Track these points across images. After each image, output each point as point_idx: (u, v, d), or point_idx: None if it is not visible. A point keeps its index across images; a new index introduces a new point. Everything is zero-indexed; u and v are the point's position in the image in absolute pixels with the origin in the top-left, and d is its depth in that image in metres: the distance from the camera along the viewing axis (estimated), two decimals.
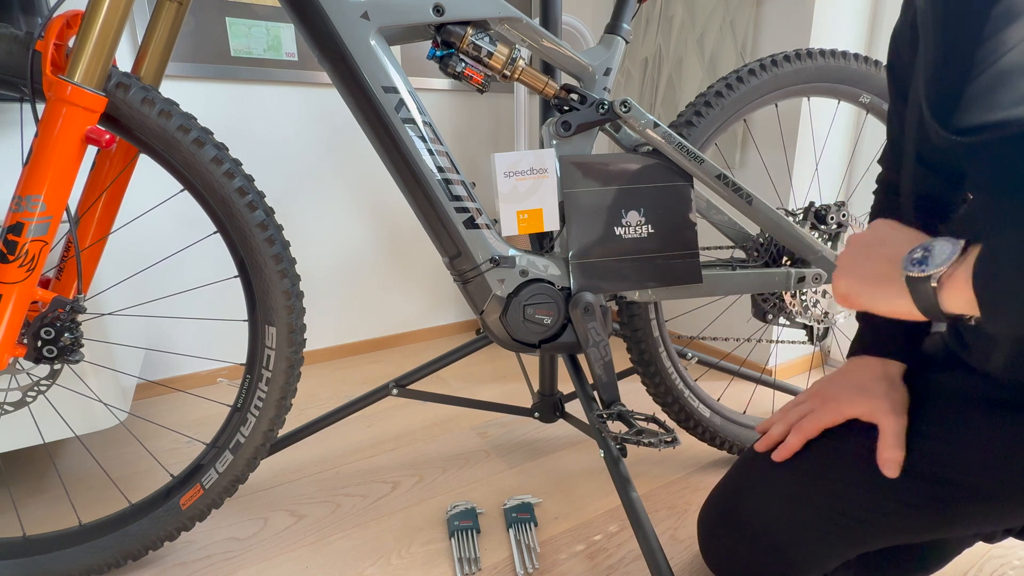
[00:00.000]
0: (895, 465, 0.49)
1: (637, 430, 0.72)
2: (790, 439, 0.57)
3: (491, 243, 0.72)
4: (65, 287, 0.71)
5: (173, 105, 0.64)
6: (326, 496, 0.97)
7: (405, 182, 0.69)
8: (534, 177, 0.72)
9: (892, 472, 0.49)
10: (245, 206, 0.67)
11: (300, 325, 0.73)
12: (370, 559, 0.82)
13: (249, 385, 0.75)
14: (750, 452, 0.61)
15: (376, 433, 1.20)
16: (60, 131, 0.57)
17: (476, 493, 0.98)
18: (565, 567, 0.80)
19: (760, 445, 0.59)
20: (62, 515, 0.93)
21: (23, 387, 0.69)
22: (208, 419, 1.28)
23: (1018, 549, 0.81)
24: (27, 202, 0.57)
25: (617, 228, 0.75)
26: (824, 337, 0.96)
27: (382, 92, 0.65)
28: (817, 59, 0.86)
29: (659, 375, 0.92)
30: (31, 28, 1.00)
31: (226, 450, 0.77)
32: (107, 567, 0.75)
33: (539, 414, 1.03)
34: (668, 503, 0.94)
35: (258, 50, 1.33)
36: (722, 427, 0.99)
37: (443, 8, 0.65)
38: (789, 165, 1.29)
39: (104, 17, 0.57)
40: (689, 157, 0.76)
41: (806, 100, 1.24)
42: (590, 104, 0.73)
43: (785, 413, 0.60)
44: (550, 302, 0.75)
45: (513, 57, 0.68)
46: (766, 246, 0.89)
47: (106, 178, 0.70)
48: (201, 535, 0.87)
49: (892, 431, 0.50)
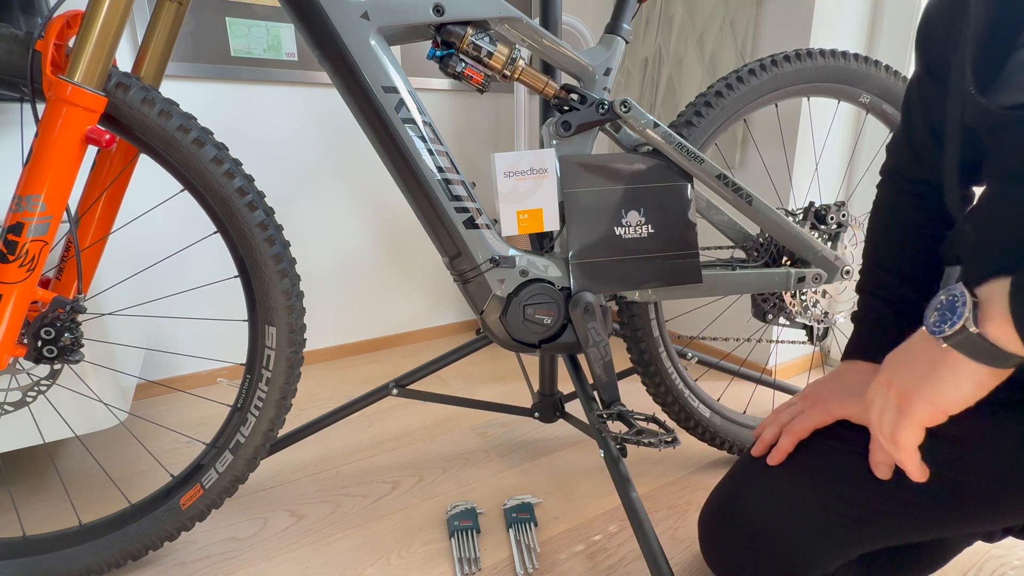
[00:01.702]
0: (886, 467, 0.49)
1: (637, 430, 0.72)
2: (781, 441, 0.57)
3: (491, 243, 0.72)
4: (65, 287, 0.71)
5: (173, 105, 0.64)
6: (326, 496, 0.97)
7: (405, 182, 0.69)
8: (534, 177, 0.72)
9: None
10: (245, 206, 0.67)
11: (300, 325, 0.73)
12: (370, 559, 0.82)
13: (249, 385, 0.76)
14: (746, 456, 0.61)
15: (376, 433, 1.20)
16: (60, 131, 0.57)
17: (476, 493, 0.98)
18: (565, 567, 0.80)
19: (756, 450, 0.60)
20: (62, 515, 0.93)
21: (23, 387, 0.69)
22: (208, 419, 1.28)
23: (1018, 549, 0.81)
24: (27, 202, 0.57)
25: (617, 228, 0.75)
26: (824, 337, 0.96)
27: (382, 92, 0.65)
28: (817, 59, 0.86)
29: (659, 375, 0.92)
30: (31, 28, 1.00)
31: (226, 450, 0.77)
32: (107, 567, 0.75)
33: (539, 414, 1.03)
34: (668, 503, 0.94)
35: (258, 50, 1.33)
36: (722, 427, 0.99)
37: (443, 8, 0.65)
38: (789, 165, 1.29)
39: (104, 17, 0.57)
40: (689, 157, 0.76)
41: (806, 100, 1.24)
42: (590, 104, 0.73)
43: (777, 416, 0.60)
44: (550, 302, 0.75)
45: (513, 57, 0.68)
46: (766, 246, 0.89)
47: (106, 178, 0.70)
48: (201, 535, 0.87)
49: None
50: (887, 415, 0.45)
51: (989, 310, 0.37)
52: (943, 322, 0.39)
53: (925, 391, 0.41)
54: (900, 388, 0.44)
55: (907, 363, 0.44)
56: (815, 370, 1.51)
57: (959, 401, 0.40)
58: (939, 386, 0.40)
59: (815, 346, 0.99)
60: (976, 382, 0.39)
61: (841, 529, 0.52)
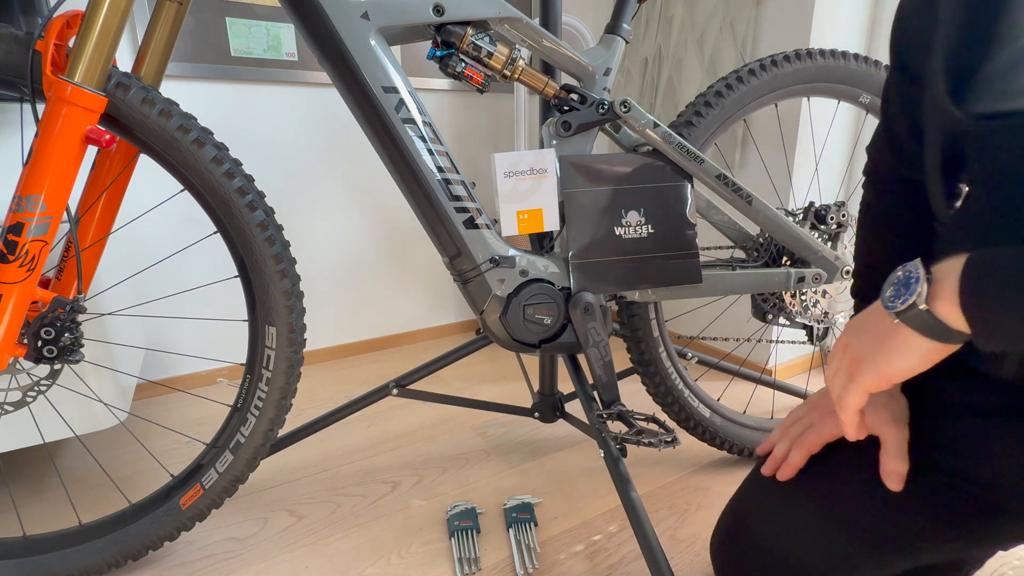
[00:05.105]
0: (898, 477, 0.48)
1: (637, 430, 0.72)
2: (793, 456, 0.55)
3: (491, 243, 0.72)
4: (65, 287, 0.71)
5: (173, 105, 0.64)
6: (326, 496, 0.97)
7: (405, 182, 0.69)
8: (534, 177, 0.72)
9: (895, 485, 0.48)
10: (245, 206, 0.67)
11: (300, 325, 0.73)
12: (370, 559, 0.82)
13: (249, 385, 0.76)
14: (756, 475, 0.59)
15: (376, 433, 1.20)
16: (60, 131, 0.57)
17: (476, 493, 0.98)
18: (565, 567, 0.80)
19: (766, 469, 0.58)
20: (62, 515, 0.93)
21: (23, 387, 0.69)
22: (208, 419, 1.28)
23: (1018, 549, 0.81)
24: (27, 202, 0.58)
25: (617, 228, 0.75)
26: (824, 337, 0.96)
27: (382, 92, 0.65)
28: (817, 59, 0.86)
29: (659, 375, 0.92)
30: (31, 28, 1.00)
31: (226, 450, 0.77)
32: (107, 567, 0.75)
33: (539, 414, 1.03)
34: (668, 503, 0.94)
35: (258, 50, 1.33)
36: (722, 427, 0.99)
37: (443, 8, 0.65)
38: (789, 165, 1.29)
39: (104, 17, 0.57)
40: (689, 157, 0.76)
41: (806, 100, 1.24)
42: (590, 104, 0.73)
43: (786, 430, 0.59)
44: (550, 302, 0.75)
45: (513, 57, 0.68)
46: (766, 246, 0.89)
47: (106, 178, 0.70)
48: (201, 535, 0.87)
49: (893, 442, 0.48)
50: (839, 377, 0.47)
51: (940, 288, 0.38)
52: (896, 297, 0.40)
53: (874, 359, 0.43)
54: (853, 354, 0.45)
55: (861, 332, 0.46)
56: (815, 370, 1.51)
57: (904, 371, 0.42)
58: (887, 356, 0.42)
59: (815, 346, 0.99)
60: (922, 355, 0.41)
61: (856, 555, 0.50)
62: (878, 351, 0.43)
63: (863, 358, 0.44)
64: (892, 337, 0.42)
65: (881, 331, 0.43)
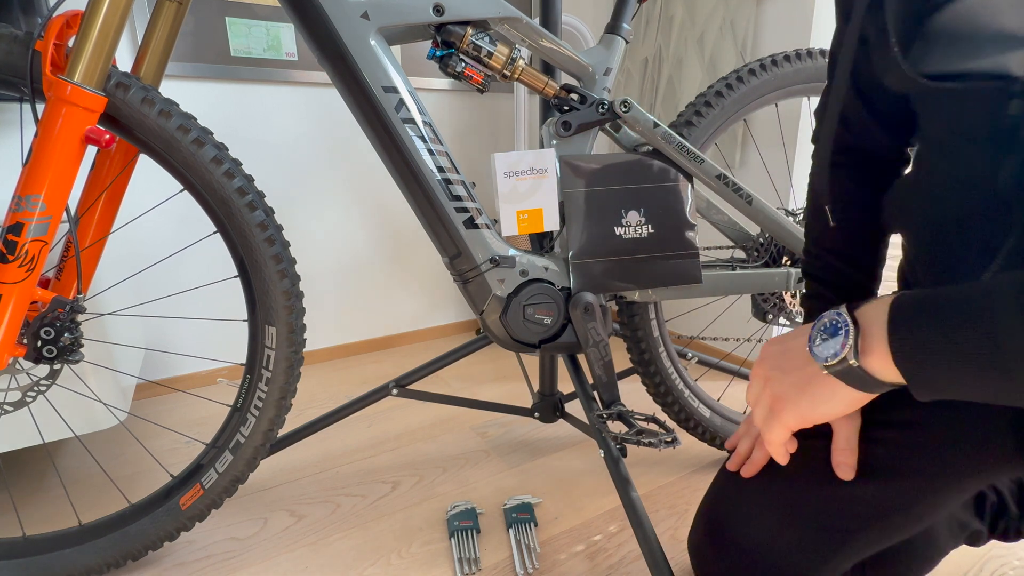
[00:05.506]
0: (848, 468, 0.48)
1: (637, 430, 0.72)
2: (755, 454, 0.55)
3: (491, 243, 0.72)
4: (65, 287, 0.71)
5: (173, 105, 0.64)
6: (326, 496, 0.97)
7: (405, 182, 0.69)
8: (534, 177, 0.72)
9: (846, 475, 0.48)
10: (245, 206, 0.67)
11: (300, 325, 0.73)
12: (370, 559, 0.82)
13: (249, 385, 0.75)
14: (723, 471, 0.59)
15: (376, 433, 1.20)
16: (60, 131, 0.57)
17: (476, 493, 0.98)
18: (565, 567, 0.80)
19: (731, 464, 0.58)
20: (62, 515, 0.93)
21: (23, 387, 0.69)
22: (208, 419, 1.28)
23: (1018, 549, 0.81)
24: (27, 202, 0.57)
25: (617, 228, 0.75)
26: None
27: (382, 92, 0.65)
28: (817, 59, 0.86)
29: (659, 375, 0.92)
30: (31, 28, 1.00)
31: (226, 450, 0.77)
32: (107, 567, 0.75)
33: (539, 414, 1.03)
34: (668, 503, 0.94)
35: (258, 50, 1.33)
36: (722, 427, 0.99)
37: (443, 8, 0.65)
38: (789, 165, 1.29)
39: (104, 17, 0.57)
40: (689, 157, 0.76)
41: (806, 100, 1.23)
42: (590, 104, 0.73)
43: (749, 427, 0.58)
44: (550, 302, 0.75)
45: (513, 57, 0.68)
46: (766, 246, 0.89)
47: (106, 178, 0.70)
48: (201, 535, 0.87)
49: (843, 434, 0.48)
50: (760, 409, 0.47)
51: (870, 342, 0.37)
52: (824, 347, 0.40)
53: (796, 403, 0.43)
54: (775, 392, 0.45)
55: (784, 369, 0.45)
56: None
57: (828, 416, 0.43)
58: (812, 402, 0.43)
59: None
60: (848, 403, 0.41)
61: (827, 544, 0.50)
62: (802, 395, 0.43)
63: (786, 398, 0.44)
64: (818, 385, 0.42)
65: (807, 375, 0.43)
